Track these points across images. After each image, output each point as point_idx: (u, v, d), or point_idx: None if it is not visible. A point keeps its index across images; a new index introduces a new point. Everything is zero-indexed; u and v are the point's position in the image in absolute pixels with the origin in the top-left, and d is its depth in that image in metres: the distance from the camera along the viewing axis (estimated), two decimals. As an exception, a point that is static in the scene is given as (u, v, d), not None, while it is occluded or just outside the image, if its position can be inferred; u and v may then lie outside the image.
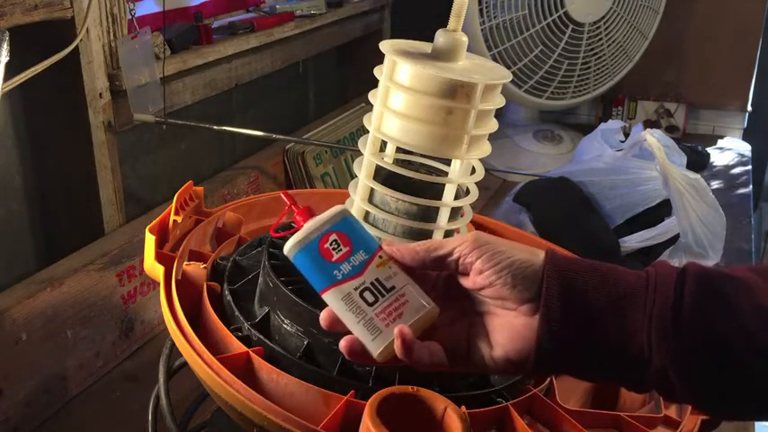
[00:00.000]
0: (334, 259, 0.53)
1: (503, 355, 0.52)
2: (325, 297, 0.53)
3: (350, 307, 0.53)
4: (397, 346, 0.51)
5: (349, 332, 0.53)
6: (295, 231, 0.55)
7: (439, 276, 0.55)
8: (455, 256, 0.52)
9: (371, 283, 0.53)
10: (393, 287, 0.53)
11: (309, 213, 0.57)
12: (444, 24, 0.62)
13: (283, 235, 0.59)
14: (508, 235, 0.92)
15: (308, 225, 0.55)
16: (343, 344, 0.52)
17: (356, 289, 0.53)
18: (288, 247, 0.54)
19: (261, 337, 0.65)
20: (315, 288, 0.54)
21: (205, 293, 0.69)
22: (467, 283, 0.53)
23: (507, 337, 0.51)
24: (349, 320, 0.53)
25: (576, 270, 0.50)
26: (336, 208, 0.56)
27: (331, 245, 0.54)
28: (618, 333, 0.49)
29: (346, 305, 0.53)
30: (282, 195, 0.61)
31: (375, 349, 0.52)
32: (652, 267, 0.51)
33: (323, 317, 0.53)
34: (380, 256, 0.54)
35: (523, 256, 0.51)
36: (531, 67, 1.71)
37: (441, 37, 0.62)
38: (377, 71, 0.64)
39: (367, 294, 0.53)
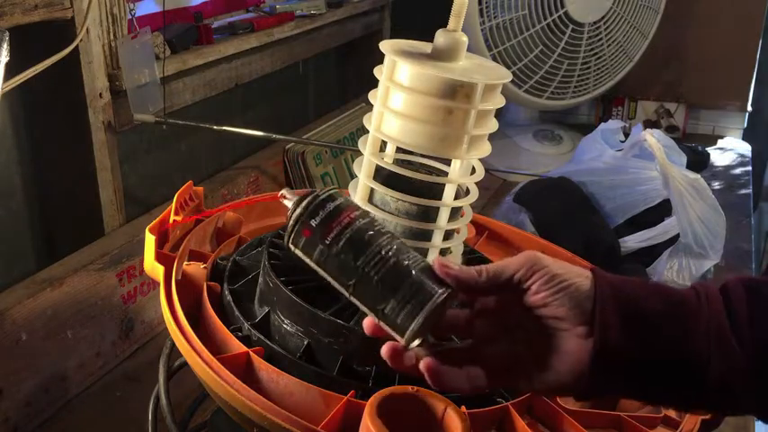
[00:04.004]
0: None
1: (555, 377, 0.51)
2: None
3: None
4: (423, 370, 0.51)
5: (390, 338, 0.52)
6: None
7: (489, 297, 0.54)
8: (515, 281, 0.52)
9: None
10: None
11: None
12: (444, 24, 0.62)
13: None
14: (507, 234, 0.92)
15: None
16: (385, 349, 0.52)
17: None
18: None
19: (261, 337, 0.65)
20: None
21: (205, 293, 0.69)
22: (524, 299, 0.52)
23: (559, 359, 0.51)
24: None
25: (629, 286, 0.51)
26: None
27: None
28: (676, 344, 0.49)
29: None
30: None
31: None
32: (696, 283, 0.52)
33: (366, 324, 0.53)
34: None
35: (579, 279, 0.52)
36: (531, 67, 1.71)
37: (441, 37, 0.62)
38: (377, 71, 0.64)
39: None
